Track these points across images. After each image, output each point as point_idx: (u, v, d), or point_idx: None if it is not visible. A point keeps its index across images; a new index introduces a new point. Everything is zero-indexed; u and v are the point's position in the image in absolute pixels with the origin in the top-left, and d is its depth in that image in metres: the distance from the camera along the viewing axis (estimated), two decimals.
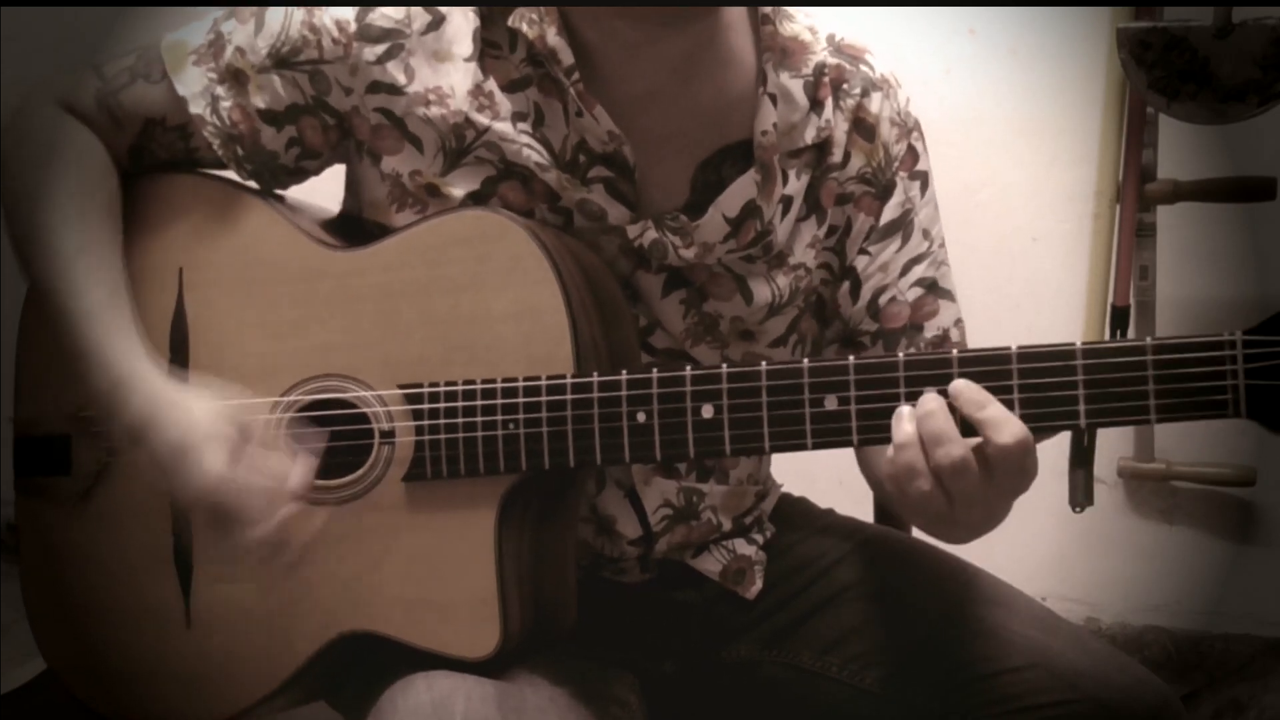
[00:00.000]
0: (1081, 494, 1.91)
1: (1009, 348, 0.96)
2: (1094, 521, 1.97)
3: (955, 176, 1.90)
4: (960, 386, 0.95)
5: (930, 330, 1.19)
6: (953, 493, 0.94)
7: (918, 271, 1.19)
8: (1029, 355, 0.96)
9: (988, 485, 0.94)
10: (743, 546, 1.24)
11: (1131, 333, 1.92)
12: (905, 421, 0.95)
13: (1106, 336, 1.92)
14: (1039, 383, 0.95)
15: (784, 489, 1.33)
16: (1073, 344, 0.95)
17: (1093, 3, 1.88)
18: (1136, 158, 1.87)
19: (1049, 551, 2.03)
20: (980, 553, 1.24)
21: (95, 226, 1.09)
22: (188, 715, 1.11)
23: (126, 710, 1.13)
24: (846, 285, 1.20)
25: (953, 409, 0.94)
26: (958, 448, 0.93)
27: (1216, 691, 1.95)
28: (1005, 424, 0.93)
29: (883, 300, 1.19)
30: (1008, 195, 2.00)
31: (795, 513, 1.31)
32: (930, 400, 0.95)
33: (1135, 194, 1.87)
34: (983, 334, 1.95)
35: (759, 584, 1.24)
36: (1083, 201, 1.94)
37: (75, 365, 1.06)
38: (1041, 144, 1.98)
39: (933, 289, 1.19)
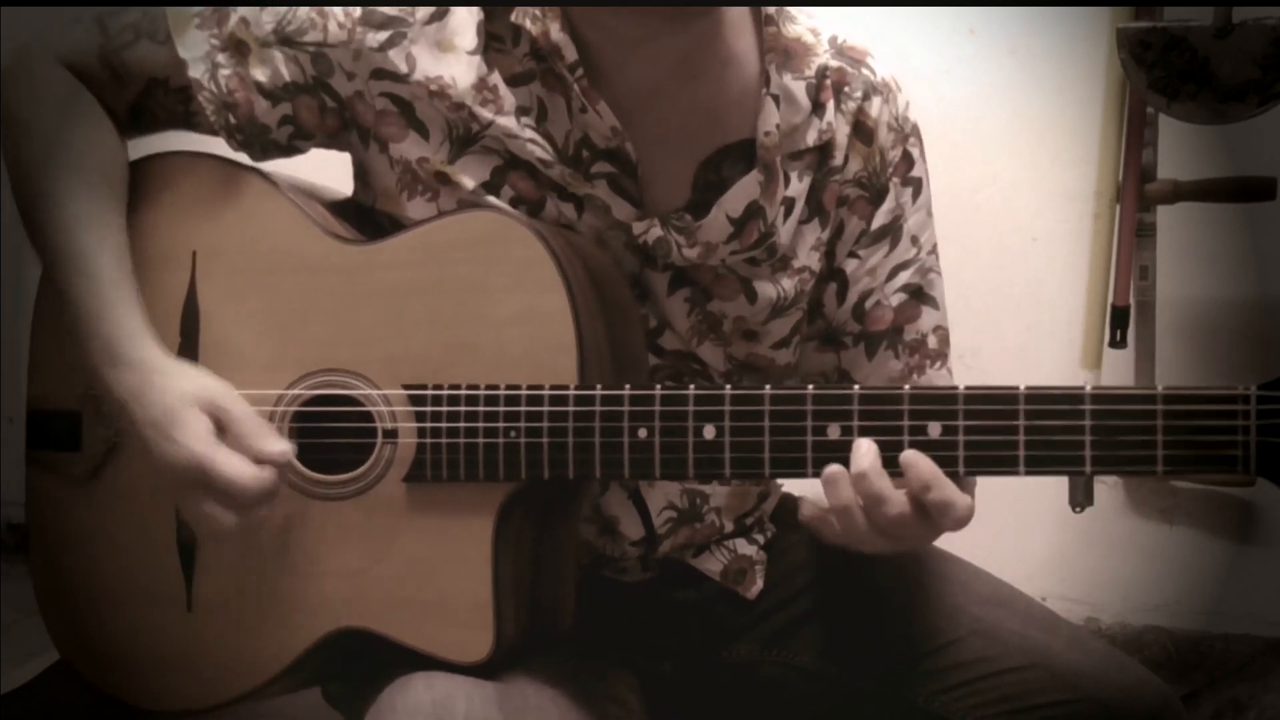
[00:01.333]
0: (1081, 494, 1.91)
1: (1017, 387, 0.94)
2: (1094, 521, 1.96)
3: (955, 176, 1.91)
4: (910, 459, 0.94)
5: (909, 334, 1.19)
6: (890, 536, 0.96)
7: (903, 277, 1.19)
8: (1037, 396, 0.94)
9: (927, 529, 0.96)
10: (744, 546, 1.24)
11: (1131, 333, 1.91)
12: (844, 487, 0.95)
13: (1106, 336, 1.92)
14: (1045, 424, 0.93)
15: (785, 490, 1.32)
16: (1082, 388, 0.93)
17: (1093, 3, 1.88)
18: (1136, 158, 1.87)
19: (1049, 551, 2.03)
20: (980, 553, 1.24)
21: (100, 197, 1.09)
22: (187, 698, 1.12)
23: (129, 692, 1.14)
24: (833, 287, 1.19)
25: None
26: (894, 506, 0.94)
27: (1216, 691, 1.95)
28: (950, 508, 0.94)
29: (868, 304, 1.19)
30: (1008, 195, 2.00)
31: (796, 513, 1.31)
32: (863, 460, 0.94)
33: (1135, 194, 1.87)
34: (983, 334, 1.97)
35: (760, 584, 1.24)
36: (1083, 201, 1.94)
37: (75, 339, 1.06)
38: (1041, 144, 1.98)
39: (917, 295, 1.19)
